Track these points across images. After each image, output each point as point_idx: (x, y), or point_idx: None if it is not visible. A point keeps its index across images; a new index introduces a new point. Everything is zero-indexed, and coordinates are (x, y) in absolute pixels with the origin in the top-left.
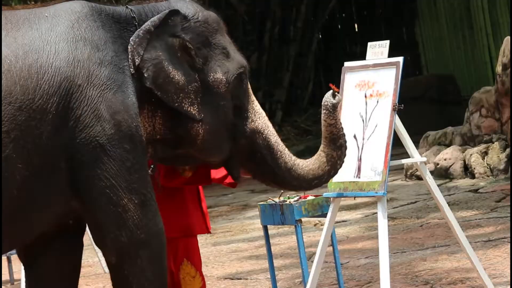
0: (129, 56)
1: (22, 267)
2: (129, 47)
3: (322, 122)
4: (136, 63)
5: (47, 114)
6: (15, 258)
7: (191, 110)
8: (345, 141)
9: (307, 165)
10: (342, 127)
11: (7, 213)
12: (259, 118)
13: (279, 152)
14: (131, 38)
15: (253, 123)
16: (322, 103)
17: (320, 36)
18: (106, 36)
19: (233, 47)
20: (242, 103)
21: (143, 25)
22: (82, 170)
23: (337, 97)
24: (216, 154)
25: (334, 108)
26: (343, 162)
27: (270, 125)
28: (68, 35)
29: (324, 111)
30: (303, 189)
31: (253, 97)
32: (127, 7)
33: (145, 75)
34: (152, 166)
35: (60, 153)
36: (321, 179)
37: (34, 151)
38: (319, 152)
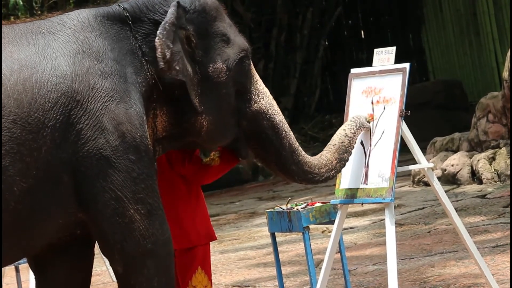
0: (158, 50)
1: (31, 277)
2: (156, 40)
3: (340, 131)
4: (167, 57)
5: (45, 129)
6: (23, 267)
7: (195, 102)
8: (348, 160)
9: (308, 157)
10: (354, 146)
11: (4, 226)
12: (263, 98)
13: (284, 132)
14: (158, 31)
15: (256, 104)
16: (353, 117)
17: (327, 43)
18: (105, 45)
19: (233, 30)
20: (245, 87)
21: (166, 18)
22: (87, 182)
23: (369, 123)
24: (222, 141)
25: (361, 126)
26: (337, 174)
27: (274, 104)
28: (65, 50)
29: (351, 123)
30: (298, 178)
31: (256, 77)
32: (119, 5)
33: (177, 67)
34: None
35: (62, 166)
36: (314, 177)
37: (34, 165)
38: (320, 154)
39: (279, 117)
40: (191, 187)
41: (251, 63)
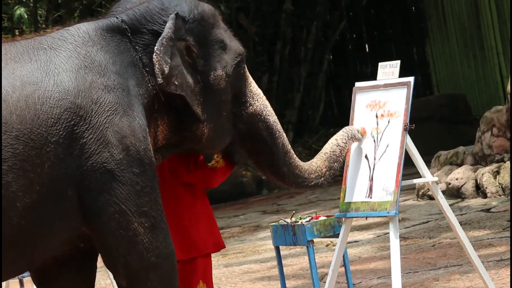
0: (156, 66)
1: None
2: (154, 56)
3: (332, 140)
4: (166, 72)
5: (48, 144)
6: (27, 280)
7: (198, 111)
8: (337, 169)
9: (299, 161)
10: (345, 157)
11: (7, 241)
12: (257, 100)
13: (278, 132)
14: (155, 47)
15: (251, 107)
16: (345, 128)
17: (331, 57)
18: (106, 58)
19: (228, 34)
20: (240, 90)
21: (164, 33)
22: (91, 196)
23: (361, 137)
24: (221, 146)
25: (353, 137)
26: (325, 181)
27: (268, 104)
28: (67, 65)
29: (343, 133)
30: (287, 181)
31: (250, 79)
32: (117, 17)
33: (176, 82)
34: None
35: (66, 181)
36: (303, 182)
37: (37, 180)
38: (311, 161)
39: (273, 117)
40: (195, 195)
41: (245, 66)
